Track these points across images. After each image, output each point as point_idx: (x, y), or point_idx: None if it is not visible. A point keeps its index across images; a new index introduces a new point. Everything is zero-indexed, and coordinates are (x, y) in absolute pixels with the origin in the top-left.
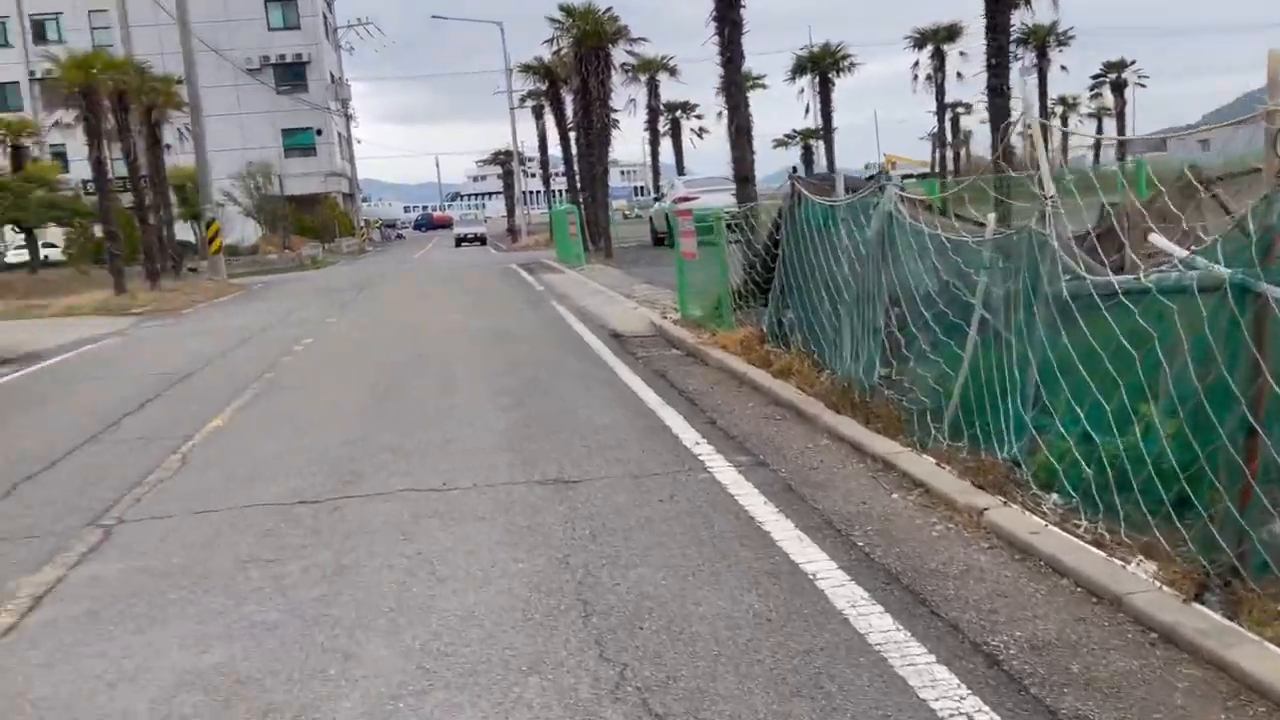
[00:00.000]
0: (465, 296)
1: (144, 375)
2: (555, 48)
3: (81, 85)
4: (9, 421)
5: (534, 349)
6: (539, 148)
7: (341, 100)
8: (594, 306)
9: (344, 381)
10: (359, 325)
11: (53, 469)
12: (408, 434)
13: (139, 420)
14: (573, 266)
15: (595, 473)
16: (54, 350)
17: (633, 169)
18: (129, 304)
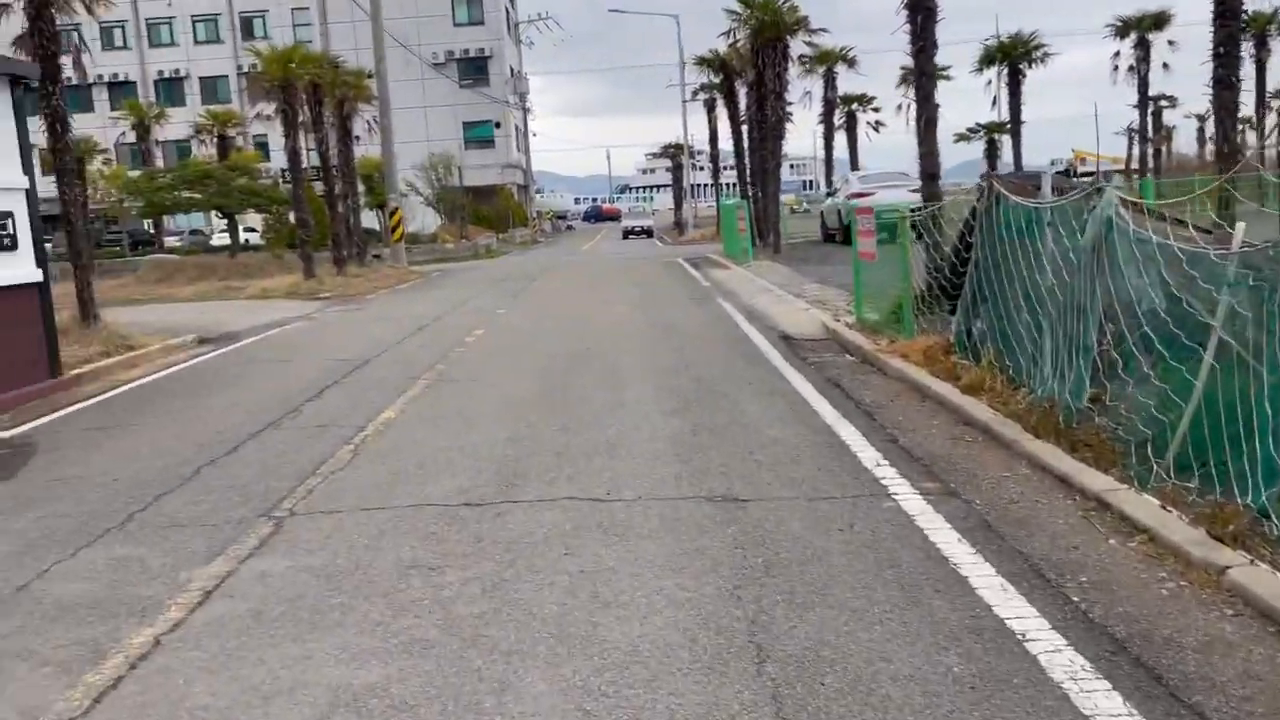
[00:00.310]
0: (632, 290)
1: (325, 360)
2: (732, 40)
3: (280, 79)
4: (202, 403)
5: (701, 348)
6: (709, 141)
7: (520, 94)
8: (762, 305)
9: (512, 375)
10: (528, 316)
11: (235, 453)
12: (573, 434)
13: (318, 407)
14: (740, 262)
15: (767, 492)
16: (247, 331)
17: (801, 163)
18: (317, 288)
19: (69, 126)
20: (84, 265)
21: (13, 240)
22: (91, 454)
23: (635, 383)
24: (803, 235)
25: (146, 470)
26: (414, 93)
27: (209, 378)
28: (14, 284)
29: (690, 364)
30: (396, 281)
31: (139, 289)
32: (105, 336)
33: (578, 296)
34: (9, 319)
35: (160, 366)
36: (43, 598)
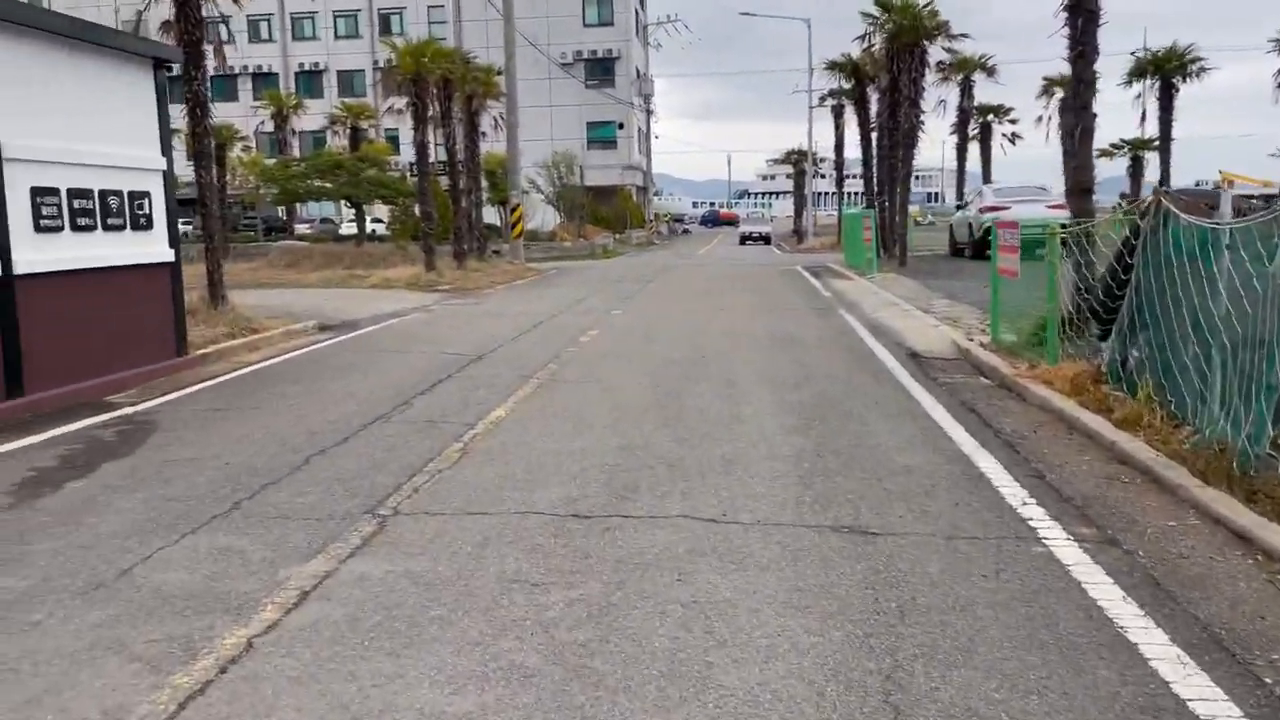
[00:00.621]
0: (749, 297)
1: (439, 354)
2: (866, 44)
3: (412, 72)
4: (317, 390)
5: (823, 362)
6: (835, 148)
7: (644, 95)
8: (887, 320)
9: (625, 378)
10: (643, 318)
11: (345, 445)
12: (687, 446)
13: (429, 401)
14: (862, 274)
15: (900, 525)
16: (367, 320)
17: (927, 174)
18: (436, 281)
19: (209, 111)
20: (215, 248)
21: (148, 220)
22: (207, 435)
23: (753, 395)
24: (928, 248)
25: (258, 456)
26: (540, 91)
27: (326, 365)
28: (148, 263)
29: (812, 378)
30: (513, 278)
31: (269, 273)
32: (231, 318)
33: (693, 301)
34: (142, 297)
35: (280, 351)
36: (143, 585)
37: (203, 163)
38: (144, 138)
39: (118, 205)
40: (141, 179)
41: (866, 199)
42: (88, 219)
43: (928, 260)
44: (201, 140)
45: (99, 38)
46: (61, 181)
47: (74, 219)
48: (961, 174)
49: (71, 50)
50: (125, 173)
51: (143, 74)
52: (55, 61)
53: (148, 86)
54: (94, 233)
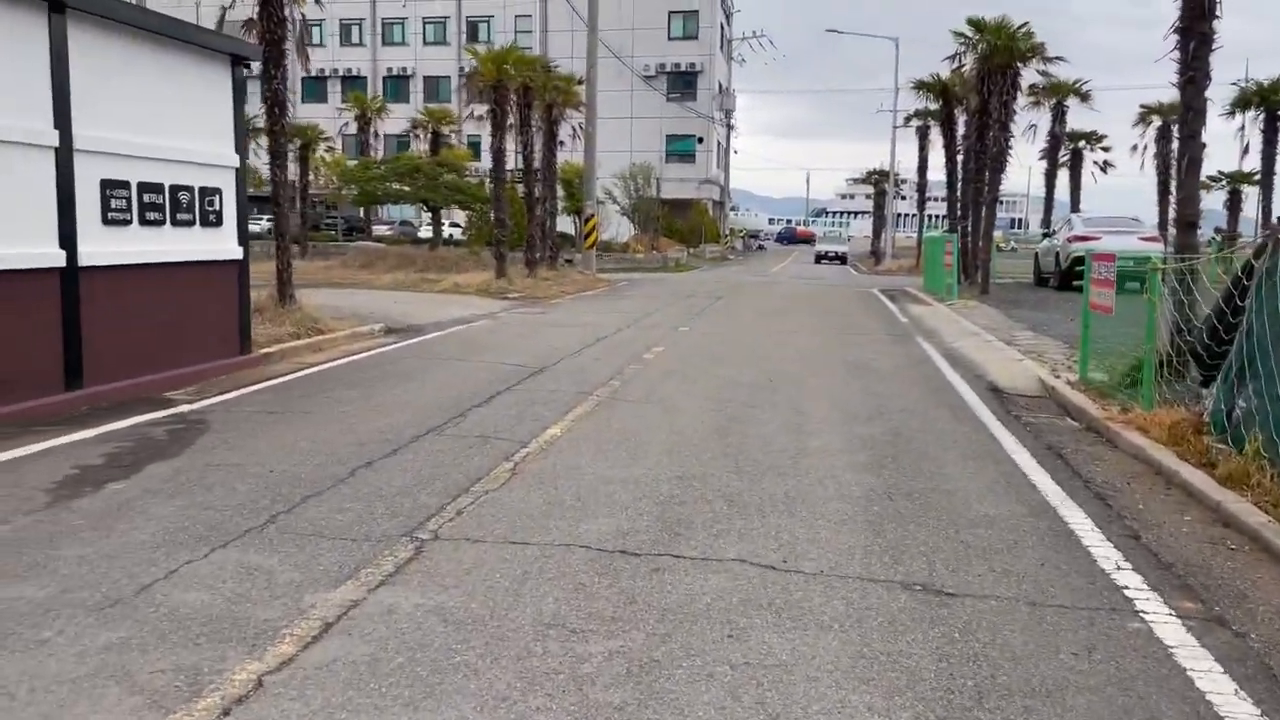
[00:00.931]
0: (822, 318)
1: (501, 364)
2: (957, 64)
3: (493, 78)
4: (374, 396)
5: (898, 393)
6: (918, 169)
7: (725, 110)
8: (967, 350)
9: (687, 401)
10: (711, 337)
11: (393, 457)
12: (748, 480)
13: (484, 414)
14: (941, 300)
15: (977, 586)
16: (432, 326)
17: (1012, 199)
18: (506, 288)
19: (287, 111)
20: (286, 246)
21: (218, 216)
22: (256, 440)
23: (821, 426)
24: (1010, 276)
25: (303, 465)
26: (622, 103)
27: (386, 370)
28: (215, 259)
29: (885, 411)
30: (583, 288)
31: (343, 273)
32: (298, 318)
33: (764, 321)
34: (207, 294)
35: (344, 353)
36: (161, 604)
37: (278, 161)
38: (218, 134)
39: (188, 201)
40: (213, 175)
41: (949, 222)
42: (157, 213)
43: (1010, 289)
44: (278, 139)
45: (179, 32)
46: (133, 175)
47: (143, 213)
48: (1049, 201)
49: (151, 44)
50: (197, 168)
51: (220, 71)
52: (134, 55)
53: (225, 83)
54: (162, 227)
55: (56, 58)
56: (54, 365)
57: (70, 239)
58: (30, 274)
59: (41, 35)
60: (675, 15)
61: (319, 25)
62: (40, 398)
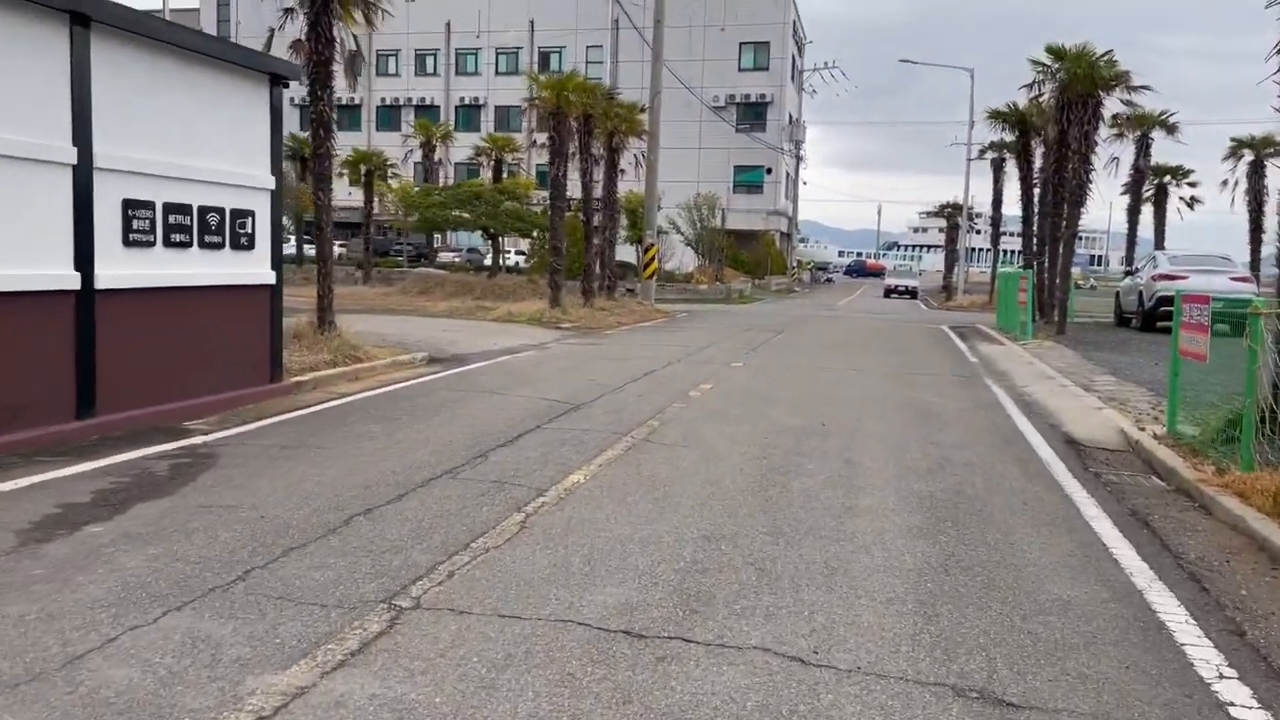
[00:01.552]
0: (886, 357)
1: (538, 399)
2: (1034, 93)
3: (552, 105)
4: (397, 432)
5: (962, 443)
6: (992, 203)
7: (795, 141)
8: (1041, 396)
9: (729, 446)
10: (764, 374)
11: (397, 504)
12: (784, 544)
13: (506, 455)
14: (1015, 339)
15: (1047, 695)
16: (477, 355)
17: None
18: (560, 318)
19: (332, 133)
20: (328, 271)
21: (250, 240)
22: (260, 478)
23: (874, 482)
24: (1088, 315)
25: (299, 510)
26: (690, 133)
27: (418, 403)
28: (246, 284)
29: (947, 464)
30: (640, 319)
31: (400, 299)
32: (336, 345)
33: (823, 358)
34: (236, 319)
35: (380, 383)
36: (83, 683)
37: (321, 185)
38: (253, 155)
39: (217, 223)
40: (246, 197)
41: (1024, 258)
42: (183, 235)
43: (1089, 329)
44: (322, 162)
45: (212, 49)
46: (158, 195)
47: (168, 234)
48: (1132, 238)
49: (181, 60)
50: (229, 189)
51: (258, 90)
52: (163, 71)
53: (261, 103)
54: (188, 250)
55: (77, 72)
56: (65, 392)
57: (87, 260)
58: (41, 296)
59: (61, 48)
60: (746, 47)
61: (394, 55)
62: (49, 425)
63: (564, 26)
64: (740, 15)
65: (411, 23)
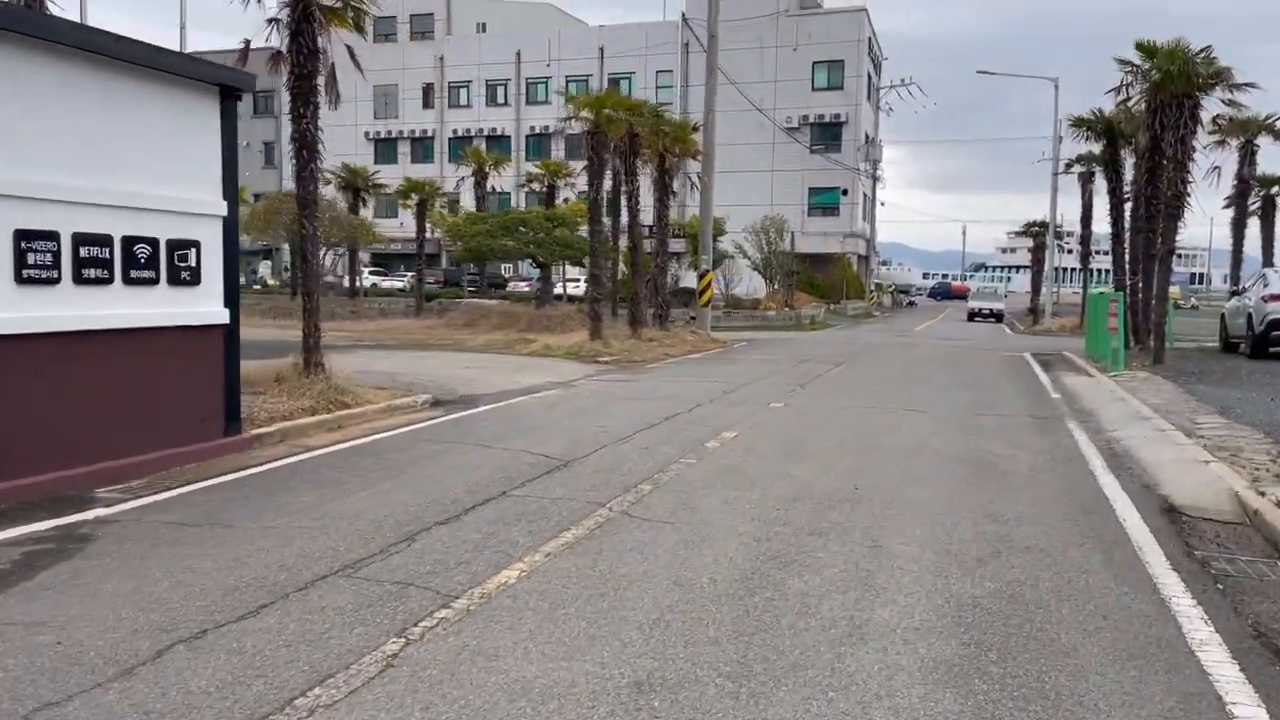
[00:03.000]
0: (953, 394)
1: (525, 452)
2: (1122, 96)
3: (590, 124)
4: (330, 503)
5: (1028, 515)
6: (1080, 219)
7: (872, 161)
8: (1133, 444)
9: (726, 521)
10: (804, 417)
11: (248, 621)
12: (746, 699)
13: (437, 540)
14: (1105, 369)
15: None
16: (492, 396)
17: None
18: (600, 351)
19: (317, 154)
20: (313, 307)
21: (193, 274)
22: (111, 578)
23: (900, 579)
24: (1190, 338)
25: (112, 633)
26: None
27: (385, 459)
28: (189, 324)
29: (1004, 548)
30: (690, 350)
31: (442, 332)
32: (320, 389)
33: (880, 394)
34: (179, 366)
35: (364, 432)
36: None
37: (306, 211)
38: (197, 177)
39: (148, 255)
40: (189, 225)
41: (1114, 277)
42: (100, 270)
43: (1190, 355)
44: (306, 186)
45: (138, 56)
46: (63, 224)
47: (78, 269)
48: (1237, 254)
49: (97, 68)
50: (164, 216)
51: (202, 103)
52: (69, 80)
53: (209, 117)
54: (107, 287)
55: None
56: None
57: None
58: None
59: None
60: (819, 66)
61: (465, 87)
62: None
63: (633, 52)
64: (813, 34)
65: (483, 54)
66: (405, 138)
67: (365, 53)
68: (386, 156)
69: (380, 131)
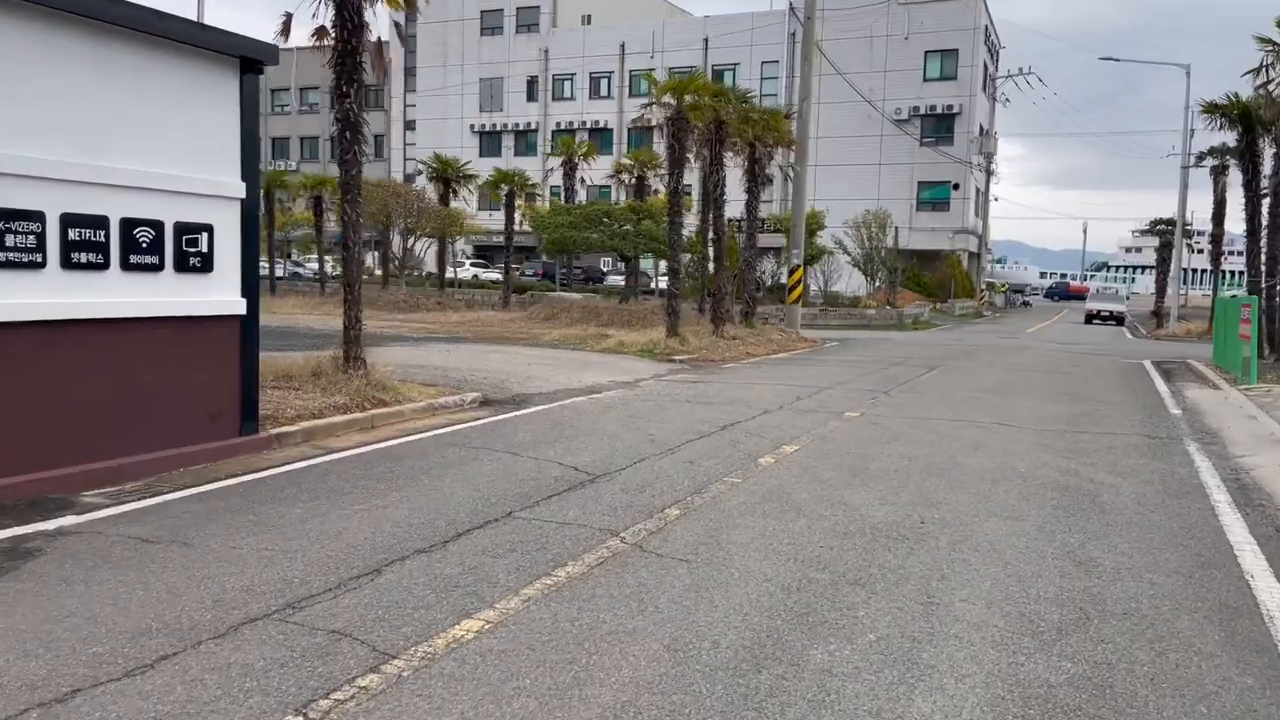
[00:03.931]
0: (1056, 406)
1: (555, 464)
2: (1263, 78)
3: (672, 110)
4: (318, 518)
5: (1130, 567)
6: (1212, 217)
7: (985, 154)
8: (1265, 472)
9: (754, 564)
10: (878, 430)
11: (182, 658)
12: None
13: (408, 573)
14: (1235, 381)
15: None
16: (545, 397)
17: None
18: (675, 349)
19: (362, 135)
20: (355, 298)
21: (205, 260)
22: (29, 608)
23: (954, 653)
24: None
25: (3, 683)
26: (871, 149)
27: (402, 466)
28: (199, 315)
29: (1094, 611)
30: (774, 350)
31: (520, 326)
32: (357, 386)
33: (970, 407)
34: (187, 359)
35: (399, 432)
36: None
37: (349, 196)
38: (211, 156)
39: (151, 239)
40: (200, 207)
41: (1248, 280)
42: (93, 254)
43: None
44: (349, 170)
45: (130, 19)
46: (49, 204)
47: (67, 253)
48: None
49: (88, 34)
50: (170, 197)
51: (218, 74)
52: (58, 46)
53: (226, 91)
54: (102, 273)
55: None
56: None
57: None
58: None
59: None
60: (932, 55)
61: (569, 79)
62: None
63: (739, 44)
64: (926, 23)
65: (587, 46)
66: (509, 130)
67: (471, 45)
68: (490, 149)
69: (485, 125)
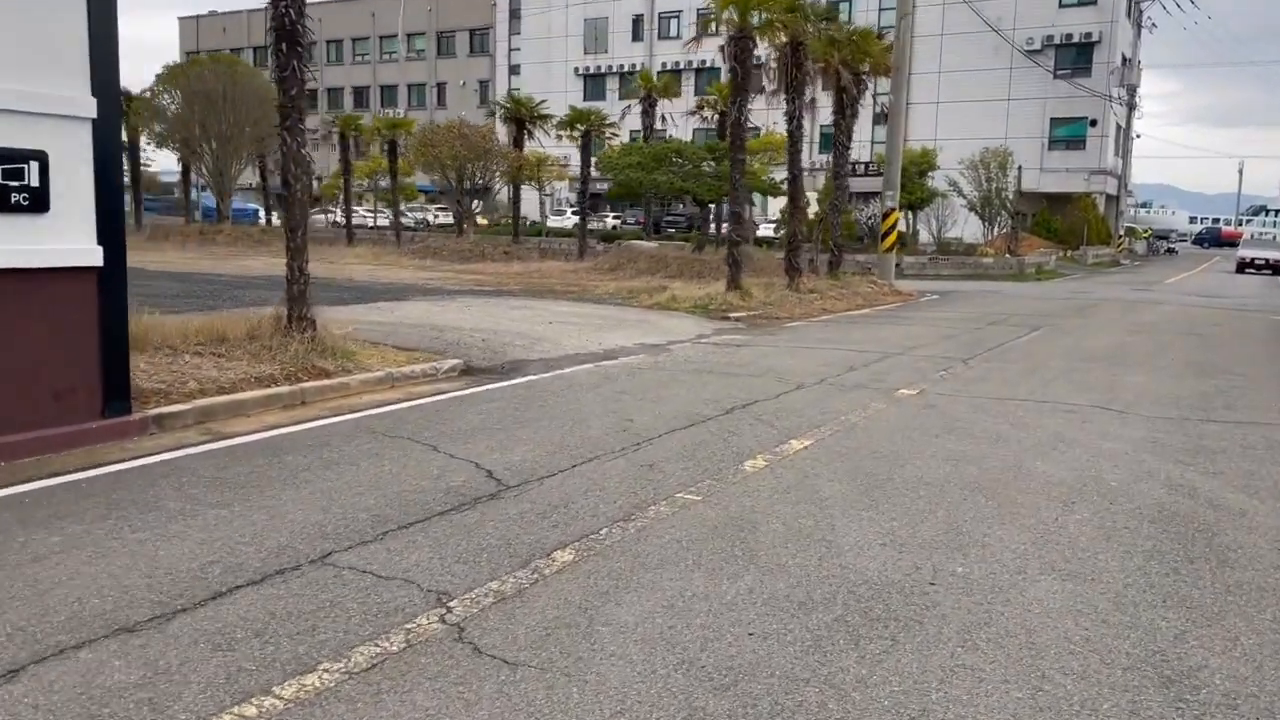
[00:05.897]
0: (1181, 382)
1: (473, 464)
2: None
3: (737, 27)
4: (81, 554)
5: (1254, 684)
6: None
7: (1128, 87)
8: None
9: (627, 671)
10: (931, 414)
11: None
12: None
13: (85, 667)
14: None
15: None
16: (543, 364)
17: None
18: (734, 304)
19: (300, 54)
20: (300, 247)
21: (37, 197)
22: None
23: None
24: None
25: None
26: (999, 83)
27: (279, 462)
28: (31, 267)
29: (1206, 677)
30: (859, 304)
31: (581, 277)
32: (295, 353)
33: (1068, 378)
34: (16, 322)
35: (324, 412)
36: None
37: (287, 123)
38: (42, 62)
39: None
40: (29, 128)
41: None
42: None
43: None
44: (288, 89)
45: None
46: None
47: None
48: None
49: None
50: None
51: None
52: None
53: None
54: None
55: None
56: None
57: None
58: None
59: None
60: None
61: (676, 17)
62: None
63: None
64: None
65: None
66: (614, 73)
67: None
68: (595, 93)
69: (590, 67)
